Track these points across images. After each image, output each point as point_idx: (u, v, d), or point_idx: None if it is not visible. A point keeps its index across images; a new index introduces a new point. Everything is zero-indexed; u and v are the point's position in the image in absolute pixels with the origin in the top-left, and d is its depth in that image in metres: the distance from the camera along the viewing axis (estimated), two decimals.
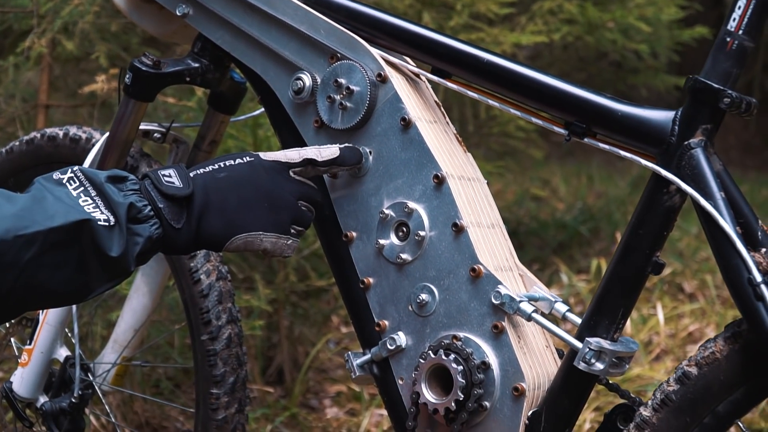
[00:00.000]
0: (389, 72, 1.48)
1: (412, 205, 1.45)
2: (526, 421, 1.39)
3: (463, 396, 1.39)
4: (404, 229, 1.46)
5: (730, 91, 1.29)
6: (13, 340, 1.99)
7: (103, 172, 1.25)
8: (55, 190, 1.20)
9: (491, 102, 1.46)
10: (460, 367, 1.39)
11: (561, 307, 1.44)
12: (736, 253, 1.24)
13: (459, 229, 1.42)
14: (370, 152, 1.49)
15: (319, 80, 1.52)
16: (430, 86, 1.56)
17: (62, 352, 1.85)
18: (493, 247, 1.45)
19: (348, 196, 1.51)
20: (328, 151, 1.43)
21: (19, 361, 1.85)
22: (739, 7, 1.29)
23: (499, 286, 1.39)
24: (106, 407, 2.04)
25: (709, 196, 1.28)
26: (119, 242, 1.21)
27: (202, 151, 1.80)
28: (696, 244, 4.27)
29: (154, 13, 1.73)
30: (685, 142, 1.31)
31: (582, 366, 1.34)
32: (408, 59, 1.55)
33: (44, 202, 1.18)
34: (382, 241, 1.47)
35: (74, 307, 1.82)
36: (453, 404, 1.39)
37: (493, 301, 1.39)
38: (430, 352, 1.42)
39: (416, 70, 1.53)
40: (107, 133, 1.71)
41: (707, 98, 1.30)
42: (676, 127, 1.32)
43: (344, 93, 1.49)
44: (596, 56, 4.19)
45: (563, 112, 1.41)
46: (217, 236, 1.32)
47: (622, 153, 1.37)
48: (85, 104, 2.79)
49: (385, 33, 1.53)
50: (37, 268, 1.15)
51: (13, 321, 1.94)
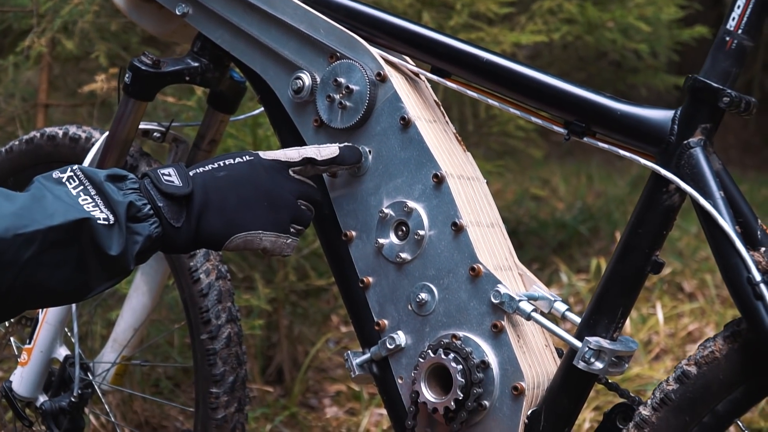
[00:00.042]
0: (389, 71, 1.48)
1: (411, 204, 1.45)
2: (526, 420, 1.39)
3: (462, 395, 1.39)
4: (404, 229, 1.46)
5: (729, 91, 1.29)
6: (12, 339, 1.99)
7: (103, 171, 1.25)
8: (55, 189, 1.20)
9: (491, 101, 1.46)
10: (460, 366, 1.39)
11: (560, 307, 1.44)
12: (735, 253, 1.24)
13: (458, 229, 1.42)
14: (370, 151, 1.48)
15: (319, 79, 1.52)
16: (429, 85, 1.56)
17: (62, 352, 1.85)
18: (492, 246, 1.45)
19: (347, 195, 1.51)
20: (328, 151, 1.43)
21: (19, 360, 1.85)
22: (739, 7, 1.29)
23: (499, 286, 1.39)
24: (106, 406, 2.04)
25: (708, 196, 1.28)
26: (119, 241, 1.21)
27: (202, 151, 1.80)
28: (695, 244, 4.27)
29: (153, 12, 1.73)
30: (685, 142, 1.31)
31: (581, 365, 1.34)
32: (407, 58, 1.55)
33: (44, 200, 1.18)
34: (381, 241, 1.47)
35: (74, 306, 1.82)
36: (452, 403, 1.39)
37: (493, 300, 1.39)
38: (430, 352, 1.42)
39: (416, 70, 1.53)
40: (107, 133, 1.71)
41: (706, 97, 1.30)
42: (676, 127, 1.32)
43: (344, 92, 1.49)
44: (596, 56, 4.18)
45: (563, 111, 1.40)
46: (217, 235, 1.32)
47: (622, 152, 1.37)
48: (85, 103, 2.79)
49: (385, 32, 1.53)
50: (37, 267, 1.15)
51: (12, 320, 1.94)
